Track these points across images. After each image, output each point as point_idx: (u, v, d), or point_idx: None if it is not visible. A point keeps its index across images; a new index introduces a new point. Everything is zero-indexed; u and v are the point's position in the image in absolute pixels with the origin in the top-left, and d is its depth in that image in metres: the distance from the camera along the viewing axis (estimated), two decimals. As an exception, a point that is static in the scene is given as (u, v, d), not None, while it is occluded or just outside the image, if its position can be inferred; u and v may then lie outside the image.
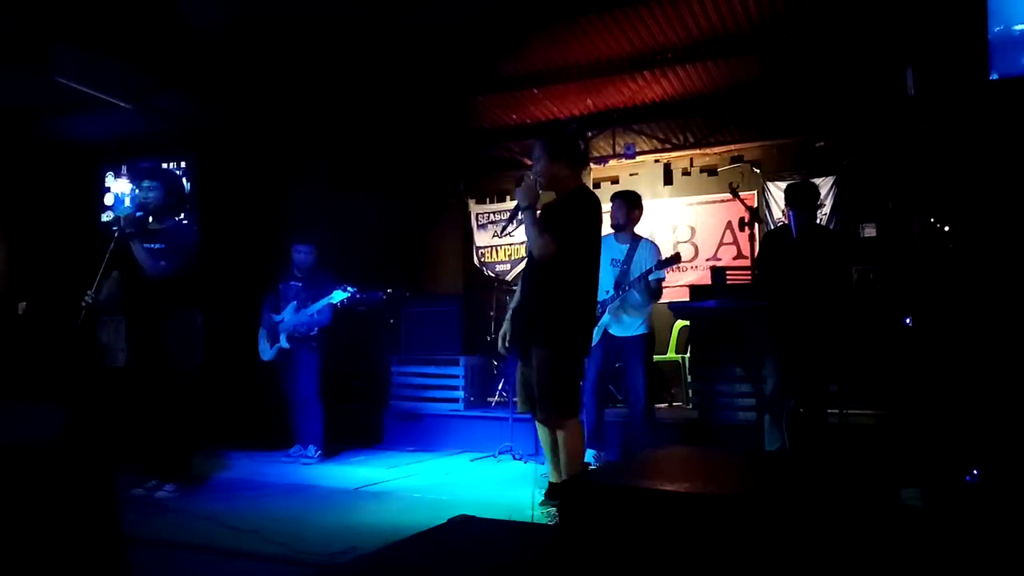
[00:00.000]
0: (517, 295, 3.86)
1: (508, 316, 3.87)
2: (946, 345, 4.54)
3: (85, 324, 4.15)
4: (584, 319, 3.65)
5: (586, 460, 4.87)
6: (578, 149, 3.84)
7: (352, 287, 5.49)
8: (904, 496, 3.43)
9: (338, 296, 5.43)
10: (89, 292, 4.11)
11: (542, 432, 3.72)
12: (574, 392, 3.63)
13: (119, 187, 7.56)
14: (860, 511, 2.23)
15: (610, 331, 5.04)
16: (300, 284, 5.59)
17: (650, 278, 4.92)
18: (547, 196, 3.73)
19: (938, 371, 4.44)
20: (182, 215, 6.81)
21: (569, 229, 3.53)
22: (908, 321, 4.00)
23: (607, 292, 4.91)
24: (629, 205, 5.14)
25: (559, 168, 3.64)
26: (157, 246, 4.25)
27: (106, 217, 7.52)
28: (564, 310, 3.52)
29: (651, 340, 5.14)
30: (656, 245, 5.23)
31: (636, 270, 5.00)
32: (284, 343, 5.51)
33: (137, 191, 4.53)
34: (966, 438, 4.06)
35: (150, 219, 4.39)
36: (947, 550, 2.71)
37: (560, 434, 3.54)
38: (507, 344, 3.78)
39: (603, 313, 4.92)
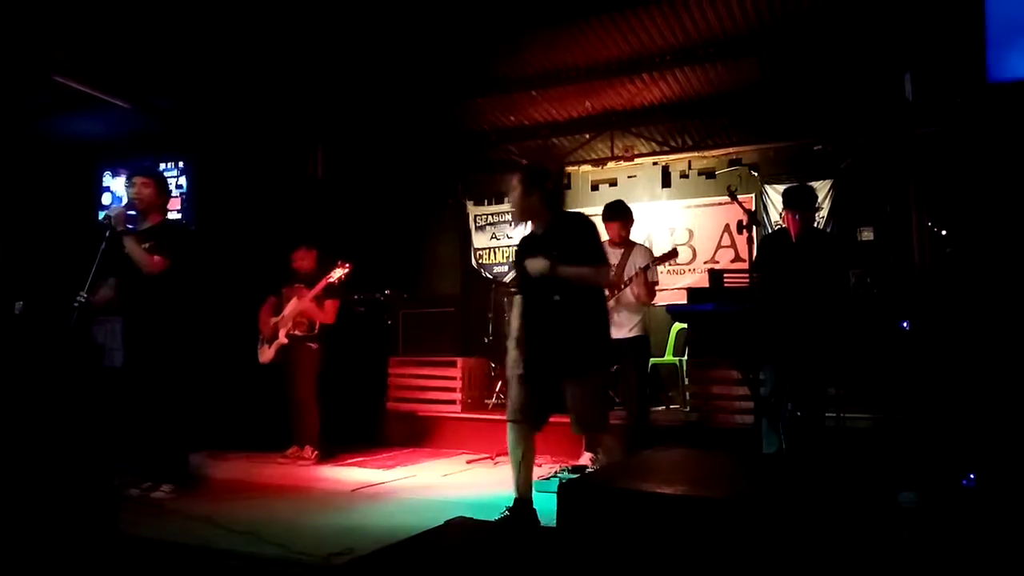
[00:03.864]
0: (520, 323, 3.68)
1: (520, 342, 3.66)
2: (944, 349, 4.54)
3: (79, 324, 4.13)
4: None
5: (583, 463, 4.89)
6: (556, 193, 3.79)
7: (348, 264, 5.55)
8: (901, 499, 3.43)
9: (336, 274, 5.48)
10: (82, 292, 4.09)
11: (519, 441, 3.61)
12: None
13: (117, 186, 7.55)
14: (857, 514, 2.23)
15: None
16: (304, 285, 5.58)
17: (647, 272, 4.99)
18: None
19: (935, 375, 4.45)
20: (178, 213, 6.85)
21: (600, 252, 3.68)
22: (905, 325, 3.99)
23: None
24: (623, 220, 5.18)
25: (532, 201, 3.64)
26: (149, 243, 4.23)
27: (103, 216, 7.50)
28: (605, 328, 3.72)
29: (645, 343, 5.17)
30: (649, 249, 5.31)
31: (630, 271, 5.05)
32: (283, 339, 5.50)
33: (128, 189, 4.51)
34: (963, 442, 4.06)
35: (139, 217, 4.38)
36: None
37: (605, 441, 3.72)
38: (528, 366, 3.60)
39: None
